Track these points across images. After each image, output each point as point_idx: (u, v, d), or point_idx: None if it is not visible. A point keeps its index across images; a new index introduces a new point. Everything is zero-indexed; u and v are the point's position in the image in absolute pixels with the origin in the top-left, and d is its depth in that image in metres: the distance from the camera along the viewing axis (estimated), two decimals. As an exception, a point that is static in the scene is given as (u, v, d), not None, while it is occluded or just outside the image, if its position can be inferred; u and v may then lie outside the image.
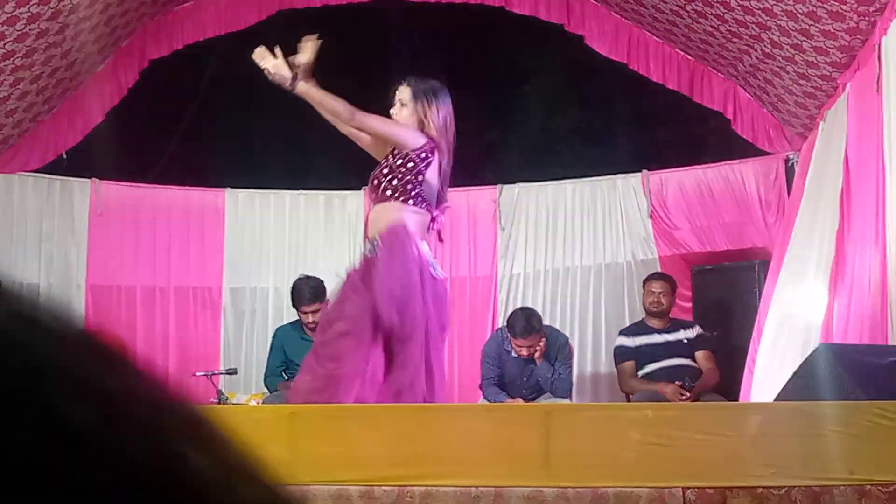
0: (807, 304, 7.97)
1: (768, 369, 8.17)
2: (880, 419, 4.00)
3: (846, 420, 4.05)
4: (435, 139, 5.51)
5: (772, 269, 8.69)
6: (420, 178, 5.45)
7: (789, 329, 8.16)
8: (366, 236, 5.55)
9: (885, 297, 6.32)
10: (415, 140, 5.48)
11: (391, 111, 5.63)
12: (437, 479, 3.93)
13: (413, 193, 5.44)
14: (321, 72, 5.46)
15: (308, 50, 5.46)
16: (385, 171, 5.49)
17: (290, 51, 5.46)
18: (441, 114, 5.58)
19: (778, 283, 8.51)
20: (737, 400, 8.12)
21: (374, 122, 5.57)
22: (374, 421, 4.16)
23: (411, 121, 5.56)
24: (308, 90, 5.44)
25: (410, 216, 5.46)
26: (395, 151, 5.51)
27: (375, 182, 5.53)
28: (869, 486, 3.89)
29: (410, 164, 5.43)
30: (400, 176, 5.43)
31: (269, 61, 5.49)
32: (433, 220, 5.58)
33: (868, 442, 3.98)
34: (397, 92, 5.64)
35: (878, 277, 6.48)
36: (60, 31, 8.00)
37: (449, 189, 5.72)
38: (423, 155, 5.45)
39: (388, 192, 5.44)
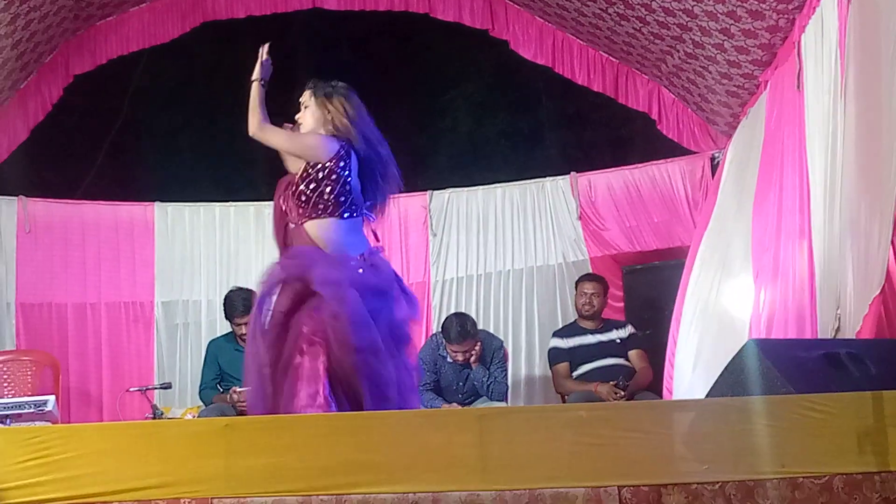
0: (725, 299, 8.08)
1: (685, 363, 8.27)
2: (810, 412, 4.06)
3: (776, 414, 4.09)
4: (347, 134, 5.41)
5: (687, 265, 8.78)
6: (347, 187, 5.35)
7: (703, 324, 8.25)
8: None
9: (812, 291, 6.40)
10: (327, 148, 5.37)
11: (296, 117, 5.55)
12: (373, 487, 3.93)
13: (346, 204, 5.35)
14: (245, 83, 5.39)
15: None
16: (311, 185, 5.32)
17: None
18: (347, 107, 5.46)
19: (691, 278, 8.60)
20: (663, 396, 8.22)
21: (279, 138, 5.44)
22: (309, 430, 4.14)
23: (314, 122, 5.47)
24: (253, 92, 5.39)
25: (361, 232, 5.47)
26: (314, 163, 5.36)
27: (303, 198, 5.33)
28: (801, 479, 3.95)
29: (334, 177, 5.31)
30: (329, 189, 5.31)
31: None
32: (367, 222, 5.53)
33: (798, 435, 4.04)
34: (301, 99, 5.57)
35: (804, 272, 6.56)
36: (-19, 49, 7.94)
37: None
38: (342, 163, 5.34)
39: (321, 207, 5.31)
